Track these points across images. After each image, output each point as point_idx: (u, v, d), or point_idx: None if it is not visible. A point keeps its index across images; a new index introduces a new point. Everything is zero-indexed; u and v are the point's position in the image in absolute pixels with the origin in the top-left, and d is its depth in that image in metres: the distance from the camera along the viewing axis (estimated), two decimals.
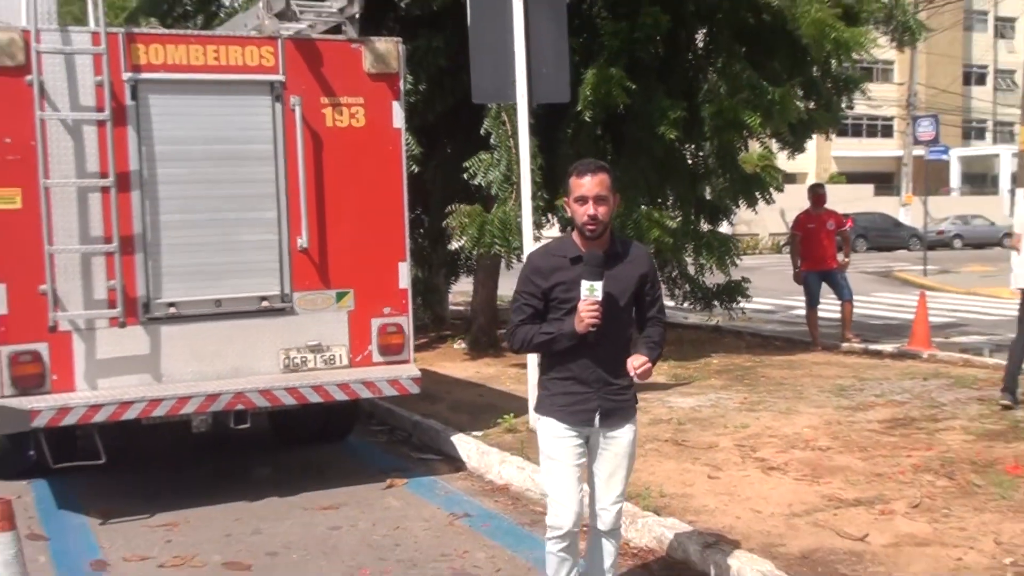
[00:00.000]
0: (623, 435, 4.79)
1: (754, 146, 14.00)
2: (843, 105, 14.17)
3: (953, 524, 6.48)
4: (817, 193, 14.87)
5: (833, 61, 12.72)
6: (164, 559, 6.53)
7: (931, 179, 47.27)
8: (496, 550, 6.65)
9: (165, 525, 7.22)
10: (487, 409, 10.01)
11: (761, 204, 14.16)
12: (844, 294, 14.61)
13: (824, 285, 14.56)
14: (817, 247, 14.45)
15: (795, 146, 14.32)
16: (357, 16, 8.19)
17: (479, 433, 9.21)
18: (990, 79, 76.66)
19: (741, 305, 14.81)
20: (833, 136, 19.79)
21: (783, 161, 15.03)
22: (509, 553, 6.59)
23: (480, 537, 6.94)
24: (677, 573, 5.95)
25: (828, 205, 14.80)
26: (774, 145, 14.07)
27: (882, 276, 31.99)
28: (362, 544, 6.81)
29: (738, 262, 14.08)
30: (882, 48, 14.50)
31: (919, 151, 49.83)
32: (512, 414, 9.55)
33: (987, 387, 10.79)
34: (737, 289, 14.20)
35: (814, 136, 15.85)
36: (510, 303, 4.86)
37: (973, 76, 76.62)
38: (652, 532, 6.48)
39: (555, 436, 4.71)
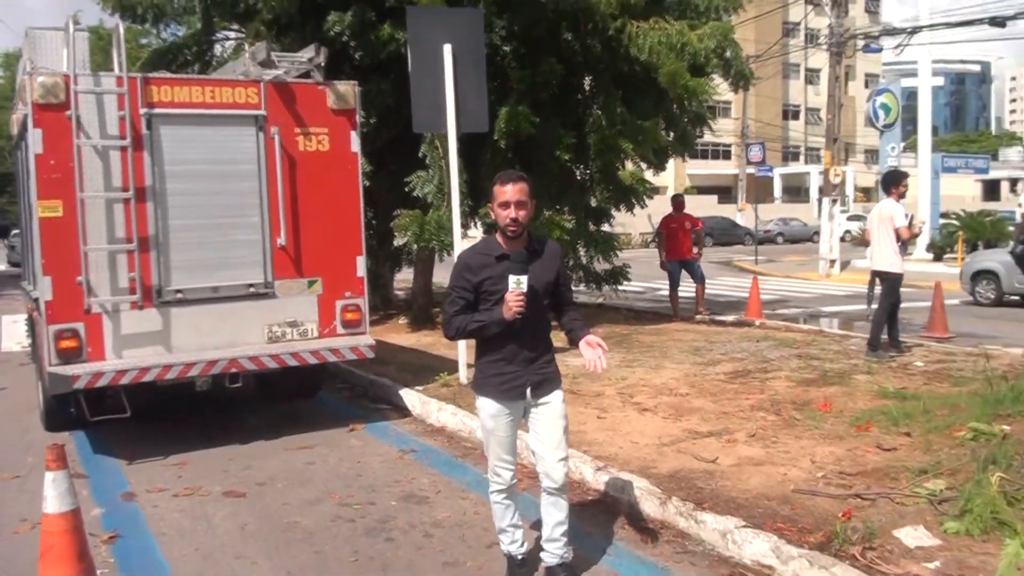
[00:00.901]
0: (554, 399, 4.49)
1: (629, 165, 14.06)
2: (695, 134, 14.27)
3: (780, 448, 6.58)
4: (677, 201, 15.04)
5: (686, 102, 12.82)
6: (177, 490, 6.45)
7: (760, 191, 47.98)
8: (436, 476, 6.67)
9: (177, 464, 7.14)
10: (427, 369, 9.94)
11: (636, 209, 14.28)
12: (698, 278, 14.79)
13: (683, 271, 14.74)
14: (677, 242, 14.60)
15: (659, 166, 14.38)
16: (322, 64, 8.19)
17: (421, 387, 9.14)
18: (802, 115, 78.05)
19: (623, 287, 14.90)
20: (687, 158, 19.96)
21: (650, 177, 15.12)
22: (446, 478, 6.62)
23: (423, 467, 6.94)
24: (577, 491, 5.95)
25: (685, 210, 14.96)
26: (643, 165, 14.14)
27: (725, 264, 32.41)
28: (331, 475, 6.77)
29: (619, 254, 14.22)
30: (722, 92, 14.66)
31: (751, 170, 50.72)
32: (446, 372, 9.50)
33: (803, 346, 10.98)
34: (620, 273, 14.26)
35: (673, 158, 15.97)
36: (444, 297, 4.50)
37: (790, 112, 78.00)
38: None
39: (491, 414, 4.45)
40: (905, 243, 10.27)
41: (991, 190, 67.71)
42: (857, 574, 4.30)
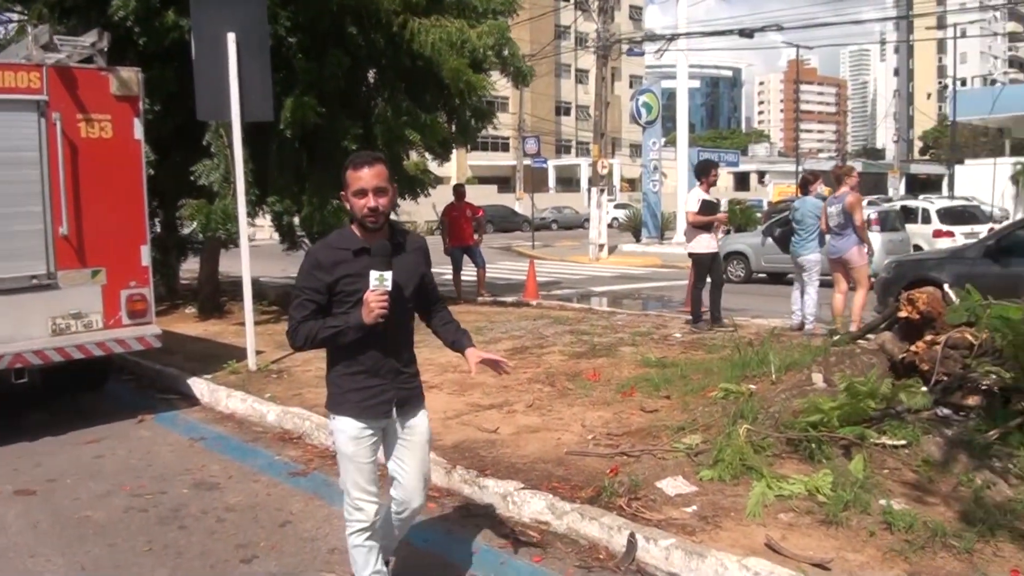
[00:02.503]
0: (420, 422, 3.81)
1: (414, 156, 14.13)
2: (476, 127, 14.53)
3: (554, 416, 6.88)
4: (459, 190, 15.30)
5: (468, 97, 13.04)
6: None
7: (536, 181, 49.22)
8: (227, 462, 6.52)
9: None
10: (215, 357, 9.64)
11: (421, 198, 14.38)
12: (479, 262, 15.11)
13: (465, 257, 15.01)
14: (460, 229, 14.85)
15: (443, 156, 14.56)
16: (105, 49, 7.74)
17: (209, 376, 8.88)
18: (573, 111, 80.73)
19: None
20: (469, 149, 20.27)
21: (434, 167, 15.27)
22: (237, 463, 6.49)
23: (214, 454, 6.77)
24: None
25: (467, 199, 15.23)
26: (428, 155, 14.27)
27: (504, 250, 33.09)
28: (122, 467, 6.48)
29: None
30: (500, 88, 14.99)
31: (527, 161, 51.99)
32: (235, 360, 9.25)
33: (575, 323, 11.45)
34: None
35: (456, 149, 16.20)
36: (291, 300, 3.69)
37: (562, 109, 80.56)
38: None
39: (352, 437, 3.65)
40: (703, 227, 10.66)
41: (741, 181, 72.66)
42: (623, 522, 4.62)
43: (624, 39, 34.57)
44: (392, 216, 3.90)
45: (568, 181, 74.62)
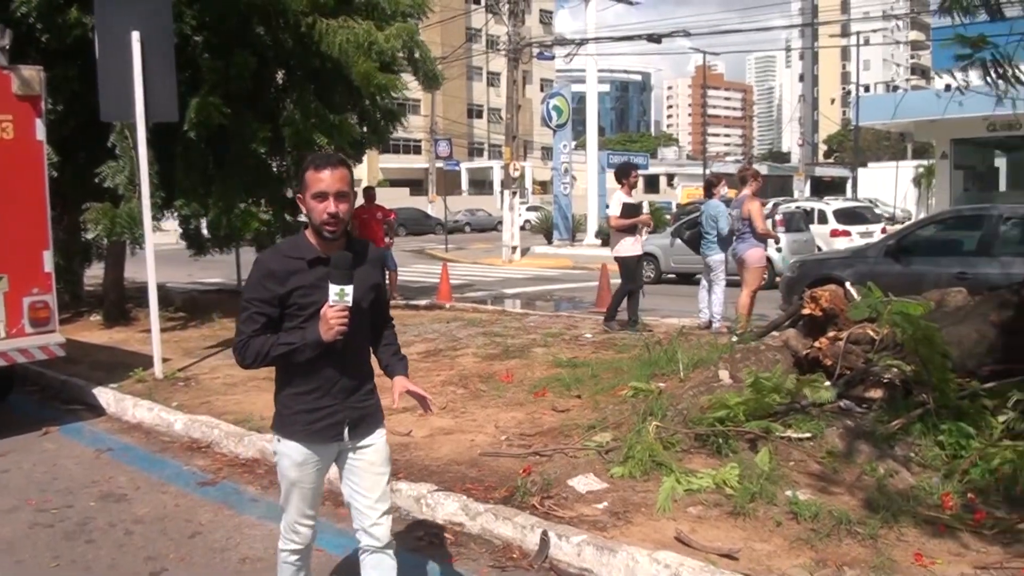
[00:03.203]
0: (377, 441, 3.45)
1: None
2: (387, 129, 14.46)
3: (468, 417, 6.93)
4: (369, 193, 15.25)
5: (378, 98, 12.99)
6: None
7: (448, 184, 49.34)
8: (135, 473, 6.38)
9: None
10: (120, 366, 9.40)
11: None
12: (391, 266, 15.03)
13: None
14: (370, 232, 14.73)
15: (354, 158, 14.47)
16: (6, 47, 7.49)
17: (115, 385, 8.65)
18: (485, 114, 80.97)
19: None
20: (380, 152, 20.17)
21: None
22: (145, 475, 6.35)
23: (121, 465, 6.60)
24: (276, 473, 5.93)
25: (377, 202, 15.17)
26: None
27: (417, 253, 32.97)
28: (27, 481, 6.26)
29: None
30: (412, 90, 14.96)
31: (439, 164, 51.99)
32: (141, 368, 9.05)
33: (488, 325, 11.52)
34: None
35: (368, 151, 16.10)
36: (239, 313, 3.34)
37: (474, 111, 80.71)
38: (255, 446, 6.49)
39: (296, 463, 3.34)
40: (628, 229, 10.74)
41: (651, 184, 73.84)
42: (536, 520, 4.69)
43: (535, 43, 34.83)
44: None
45: (481, 184, 74.79)
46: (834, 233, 22.03)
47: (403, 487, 5.34)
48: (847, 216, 23.33)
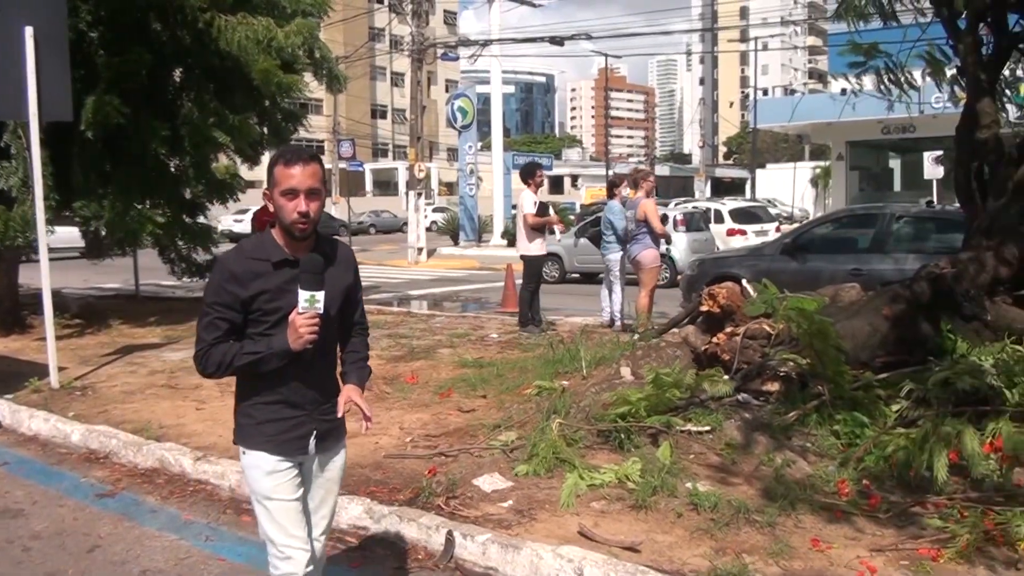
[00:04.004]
0: (338, 459, 3.31)
1: (223, 159, 13.71)
2: (289, 129, 14.27)
3: (373, 420, 6.88)
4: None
5: (279, 98, 12.81)
6: None
7: (352, 185, 48.88)
8: (32, 487, 6.14)
9: None
10: (15, 376, 9.01)
11: (231, 203, 13.99)
12: None
13: None
14: None
15: (254, 160, 14.19)
16: None
17: (10, 396, 8.29)
18: (389, 115, 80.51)
19: None
20: None
21: (245, 171, 14.86)
22: (42, 487, 6.12)
23: (18, 479, 6.34)
24: (178, 483, 5.87)
25: None
26: (238, 158, 13.88)
27: None
28: None
29: (218, 245, 13.72)
30: (314, 90, 14.79)
31: (343, 164, 51.42)
32: (37, 378, 8.68)
33: (394, 327, 11.50)
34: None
35: (268, 152, 15.85)
36: (198, 319, 3.07)
37: (378, 112, 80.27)
38: (155, 455, 6.32)
39: (268, 471, 3.07)
40: (539, 229, 10.90)
41: (556, 185, 74.43)
42: (441, 521, 4.72)
43: (439, 43, 34.83)
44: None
45: (386, 185, 74.32)
46: (730, 232, 22.69)
47: None
48: (743, 216, 24.06)
